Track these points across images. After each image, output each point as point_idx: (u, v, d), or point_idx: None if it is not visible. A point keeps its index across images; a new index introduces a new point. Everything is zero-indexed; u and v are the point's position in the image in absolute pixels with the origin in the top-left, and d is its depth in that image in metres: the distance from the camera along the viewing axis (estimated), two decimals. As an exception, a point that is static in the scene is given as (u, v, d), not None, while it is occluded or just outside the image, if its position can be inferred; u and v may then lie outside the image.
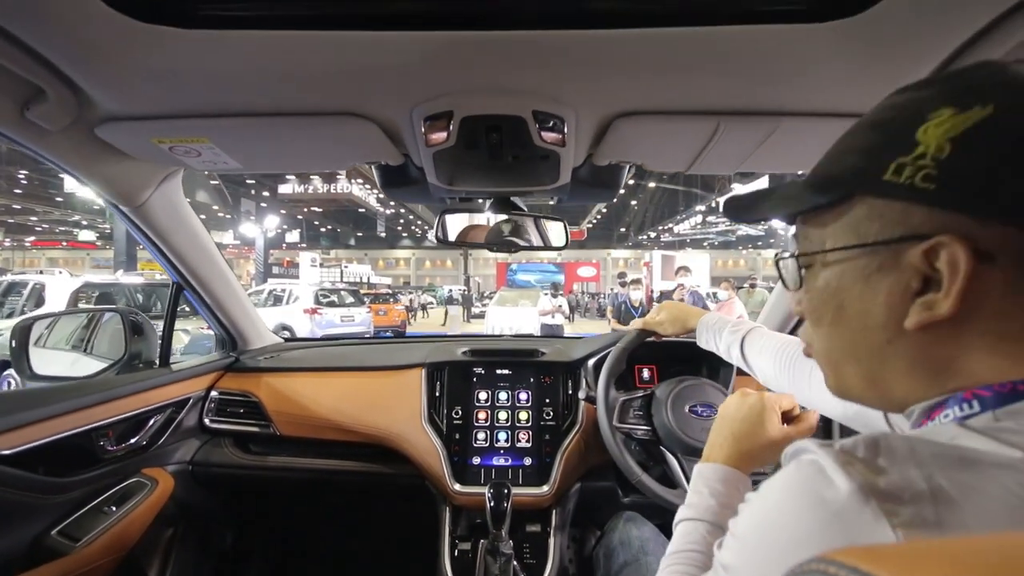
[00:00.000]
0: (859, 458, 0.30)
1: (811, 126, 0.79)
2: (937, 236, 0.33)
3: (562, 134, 0.81)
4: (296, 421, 1.39)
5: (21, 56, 0.64)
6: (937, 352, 0.36)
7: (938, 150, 0.33)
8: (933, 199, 0.33)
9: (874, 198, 0.36)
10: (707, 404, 1.09)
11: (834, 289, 0.40)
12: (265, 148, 0.88)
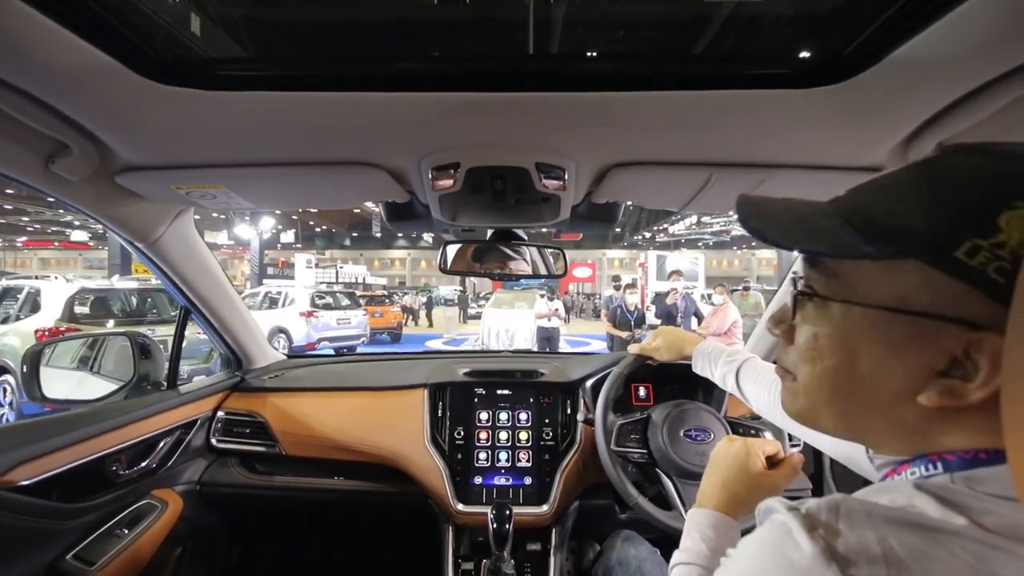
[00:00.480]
0: (822, 522, 0.34)
1: (800, 177, 0.83)
2: (992, 331, 0.33)
3: (563, 181, 0.85)
4: (301, 441, 1.42)
5: (48, 117, 0.68)
6: (933, 425, 0.37)
7: (1019, 246, 0.32)
8: (1001, 294, 0.32)
9: (932, 268, 0.35)
10: (701, 428, 1.14)
11: (850, 338, 0.40)
12: (277, 192, 0.92)
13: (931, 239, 0.34)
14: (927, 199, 0.36)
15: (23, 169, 0.76)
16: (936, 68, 0.58)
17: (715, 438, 1.12)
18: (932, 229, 0.35)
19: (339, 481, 1.41)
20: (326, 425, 1.42)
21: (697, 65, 0.69)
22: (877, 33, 0.59)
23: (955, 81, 0.60)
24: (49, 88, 0.63)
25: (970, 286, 0.33)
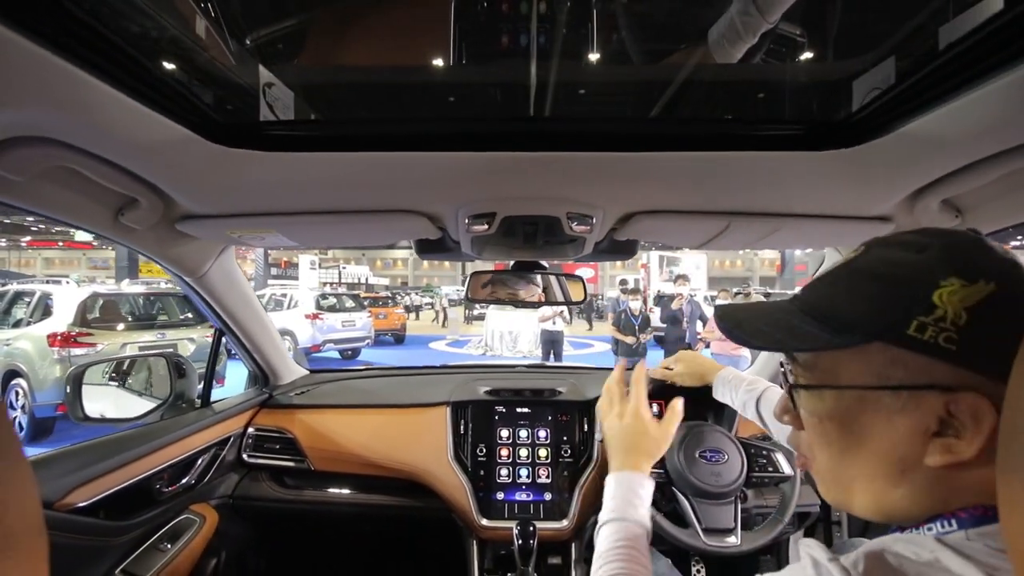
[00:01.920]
0: (859, 572, 0.39)
1: (811, 225, 0.89)
2: (962, 390, 0.39)
3: (589, 226, 0.91)
4: (329, 456, 1.49)
5: (123, 178, 0.74)
6: (943, 486, 0.42)
7: (956, 316, 0.39)
8: (956, 359, 0.39)
9: (895, 347, 0.41)
10: (716, 450, 1.20)
11: (847, 419, 0.45)
12: (322, 234, 0.99)
13: (886, 324, 0.41)
14: (874, 290, 0.43)
15: (95, 221, 0.83)
16: (941, 143, 0.64)
17: (729, 459, 1.18)
18: (885, 316, 0.42)
19: (365, 496, 1.47)
20: (353, 441, 1.48)
21: (715, 127, 0.75)
22: (887, 106, 0.65)
23: (958, 155, 0.66)
24: (128, 156, 0.69)
25: (930, 357, 0.40)
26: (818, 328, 0.45)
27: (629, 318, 6.24)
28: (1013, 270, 0.40)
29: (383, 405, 1.57)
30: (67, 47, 0.49)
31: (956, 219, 0.83)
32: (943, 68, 0.56)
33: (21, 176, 0.64)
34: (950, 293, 0.39)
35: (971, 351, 0.39)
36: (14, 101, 0.52)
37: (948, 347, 0.39)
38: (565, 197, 0.83)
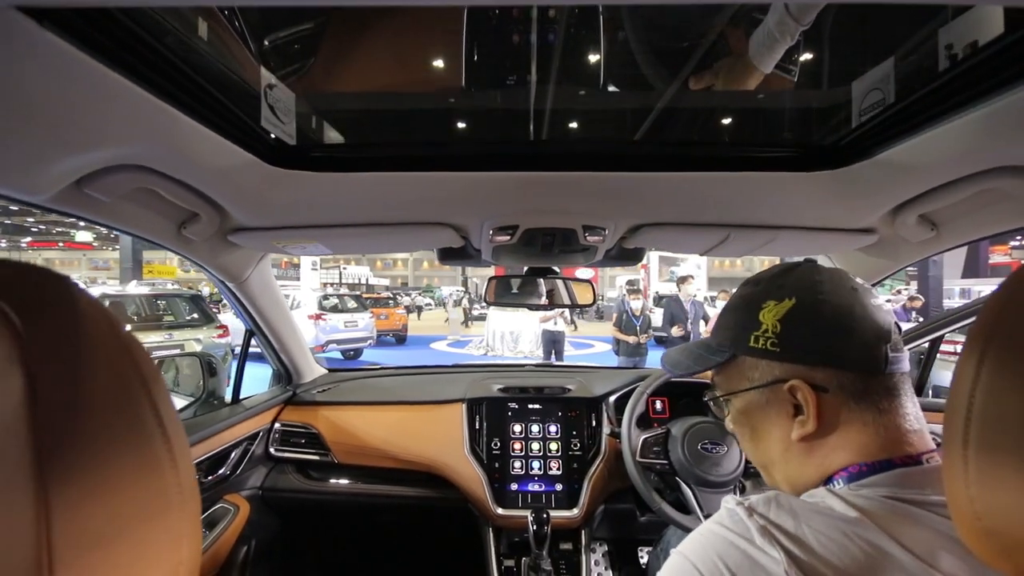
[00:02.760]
0: (758, 510, 0.48)
1: (802, 236, 0.99)
2: (791, 380, 0.53)
3: (602, 236, 1.00)
4: (352, 450, 1.58)
5: (191, 196, 0.83)
6: (815, 453, 0.54)
7: (774, 327, 0.55)
8: (781, 357, 0.55)
9: (748, 356, 0.58)
10: (716, 443, 1.29)
11: (745, 416, 0.60)
12: (358, 244, 1.08)
13: (737, 341, 0.59)
14: (728, 320, 0.61)
15: (160, 234, 0.92)
16: (915, 168, 0.73)
17: (728, 451, 1.28)
18: (735, 334, 0.59)
19: (386, 487, 1.57)
20: (374, 436, 1.57)
21: (716, 150, 0.84)
22: (867, 135, 0.75)
23: (929, 178, 0.75)
24: (200, 178, 0.78)
25: (768, 359, 0.56)
26: (708, 353, 0.63)
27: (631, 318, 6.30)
28: (810, 287, 0.55)
29: (402, 402, 1.66)
30: (165, 89, 0.58)
31: (932, 231, 0.93)
32: (912, 105, 0.66)
33: (109, 197, 0.73)
34: (767, 311, 0.56)
35: (787, 350, 0.54)
36: (122, 137, 0.61)
37: (774, 350, 0.55)
38: (581, 211, 0.92)
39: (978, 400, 0.34)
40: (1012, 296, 0.34)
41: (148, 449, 0.31)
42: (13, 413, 0.25)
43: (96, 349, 0.29)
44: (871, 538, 0.44)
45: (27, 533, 0.24)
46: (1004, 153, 0.64)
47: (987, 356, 0.34)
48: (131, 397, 0.31)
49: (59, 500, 0.25)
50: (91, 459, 0.27)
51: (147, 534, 0.31)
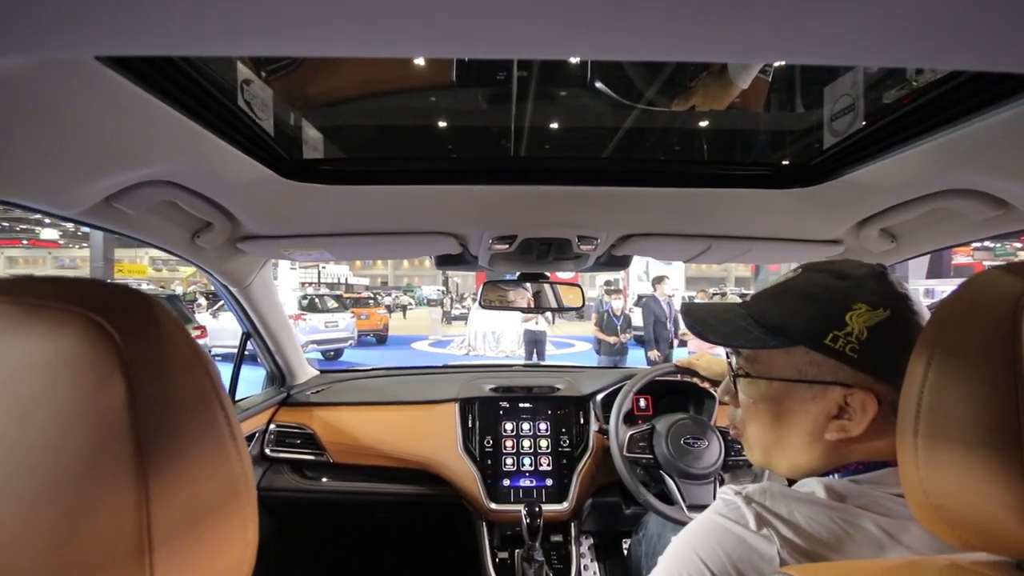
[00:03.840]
0: (755, 499, 0.52)
1: (778, 246, 1.08)
2: (856, 387, 0.53)
3: (594, 245, 1.07)
4: (347, 450, 1.62)
5: (207, 207, 0.87)
6: (837, 452, 0.57)
7: (860, 333, 0.52)
8: (856, 364, 0.53)
9: (814, 351, 0.55)
10: (697, 437, 1.37)
11: (774, 402, 0.59)
12: (361, 251, 1.13)
13: (810, 333, 0.55)
14: (803, 307, 0.57)
15: (174, 242, 0.96)
16: (876, 188, 0.82)
17: (709, 445, 1.36)
18: (810, 327, 0.55)
19: (381, 485, 1.61)
20: (368, 436, 1.61)
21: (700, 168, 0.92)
22: (834, 158, 0.83)
23: (889, 198, 0.84)
24: (219, 191, 0.83)
25: (838, 361, 0.54)
26: (758, 331, 0.59)
27: (611, 318, 6.41)
28: (903, 300, 0.54)
29: (395, 402, 1.70)
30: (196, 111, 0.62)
31: (892, 243, 1.02)
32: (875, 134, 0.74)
33: (136, 211, 0.77)
34: (858, 315, 0.53)
35: (867, 359, 0.53)
36: (157, 156, 0.65)
37: (851, 355, 0.53)
38: (576, 223, 0.99)
39: (926, 396, 0.40)
40: (955, 307, 0.41)
41: (221, 444, 0.36)
42: (117, 414, 0.30)
43: (178, 359, 0.34)
44: (849, 518, 0.50)
45: (131, 516, 0.29)
46: (953, 178, 0.73)
47: (934, 358, 0.40)
48: (206, 401, 0.36)
49: (156, 488, 0.30)
50: (179, 452, 0.32)
51: (224, 517, 0.36)
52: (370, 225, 1.00)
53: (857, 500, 0.52)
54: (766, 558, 0.50)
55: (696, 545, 0.54)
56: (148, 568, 0.29)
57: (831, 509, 0.51)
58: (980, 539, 0.39)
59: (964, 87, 0.60)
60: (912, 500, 0.43)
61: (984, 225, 0.82)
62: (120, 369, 0.30)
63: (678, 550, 0.56)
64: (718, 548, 0.52)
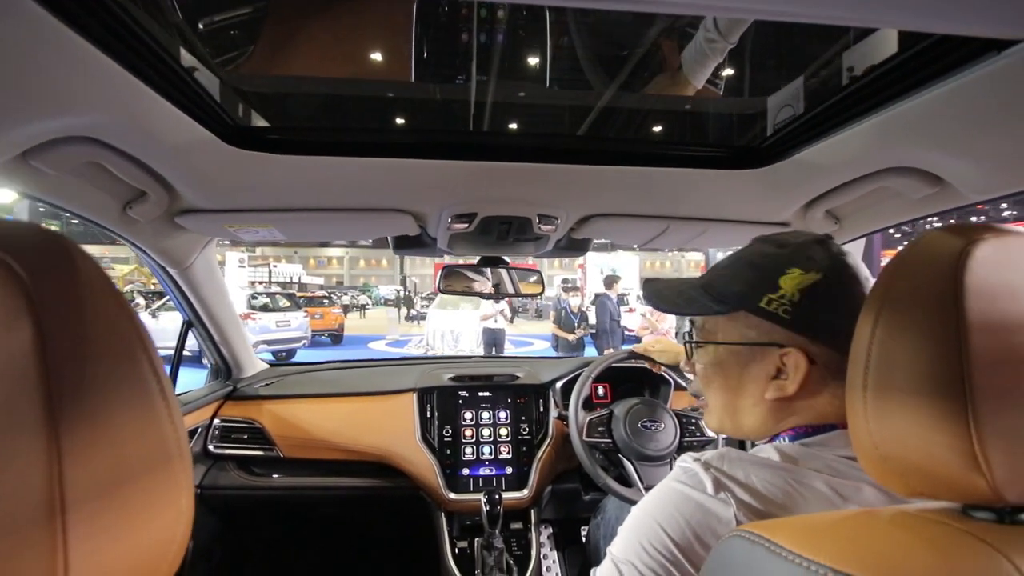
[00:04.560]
0: (712, 465, 0.54)
1: (730, 228, 1.11)
2: (790, 347, 0.56)
3: (555, 225, 1.07)
4: (299, 444, 1.55)
5: (142, 174, 0.81)
6: (779, 413, 0.60)
7: (792, 295, 0.56)
8: (789, 325, 0.56)
9: (752, 315, 0.58)
10: (654, 420, 1.40)
11: (722, 366, 0.62)
12: (313, 230, 1.07)
13: (747, 298, 0.59)
14: (744, 274, 0.60)
15: (103, 213, 0.88)
16: (822, 167, 0.85)
17: (665, 427, 1.39)
18: (747, 291, 0.59)
19: (335, 479, 1.55)
20: (322, 428, 1.55)
21: (658, 147, 0.93)
22: (784, 139, 0.86)
23: (837, 176, 0.88)
24: (154, 154, 0.76)
25: (773, 323, 0.57)
26: (706, 299, 0.63)
27: (569, 315, 6.52)
28: (838, 265, 0.57)
29: (351, 393, 1.65)
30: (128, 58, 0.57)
31: (836, 225, 1.07)
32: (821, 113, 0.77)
33: (56, 171, 0.70)
34: (791, 279, 0.56)
35: (799, 320, 0.56)
36: (80, 105, 0.59)
37: (784, 316, 0.56)
38: (536, 200, 0.98)
39: (875, 351, 0.42)
40: (900, 266, 0.43)
41: (149, 403, 0.33)
42: (24, 360, 0.26)
43: (98, 306, 0.31)
44: (802, 479, 0.52)
45: (40, 474, 0.26)
46: (894, 155, 0.77)
47: (880, 317, 0.42)
48: (131, 354, 0.32)
49: (70, 445, 0.27)
50: (98, 408, 0.29)
51: (152, 483, 0.32)
52: (323, 200, 0.96)
53: (808, 462, 0.54)
54: (723, 521, 0.51)
55: (655, 512, 0.55)
56: (60, 531, 0.26)
57: (784, 471, 0.53)
58: (928, 486, 0.40)
59: (906, 65, 0.63)
60: (862, 453, 0.44)
61: (921, 204, 0.87)
62: (28, 311, 0.26)
63: (638, 518, 0.57)
64: (676, 514, 0.53)
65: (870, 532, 0.39)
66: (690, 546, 0.52)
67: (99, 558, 0.29)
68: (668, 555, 0.52)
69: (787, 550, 0.38)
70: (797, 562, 0.37)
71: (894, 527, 0.40)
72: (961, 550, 0.36)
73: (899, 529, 0.40)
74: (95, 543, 0.28)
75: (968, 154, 0.68)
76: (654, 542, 0.53)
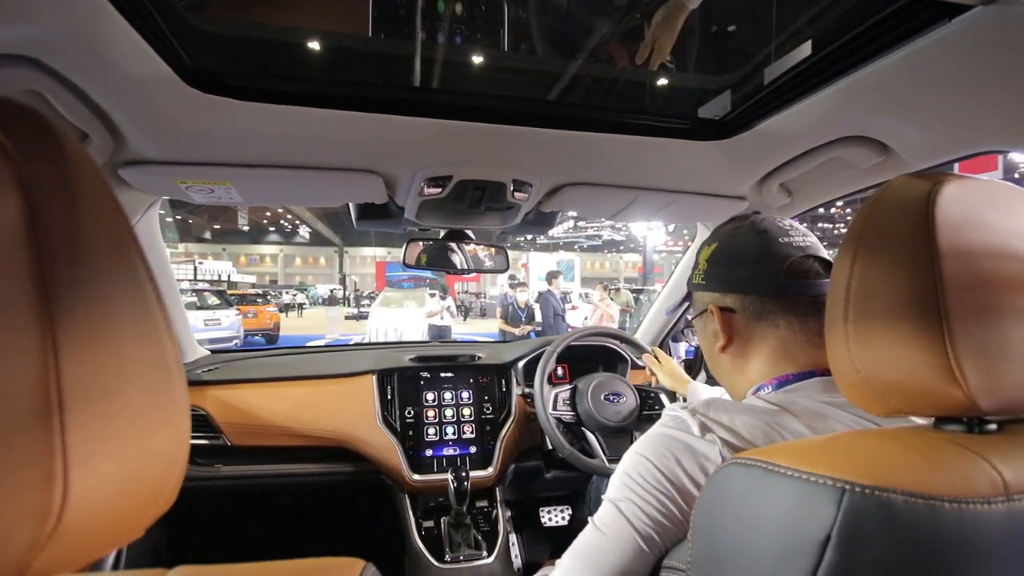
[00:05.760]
0: (699, 411, 0.59)
1: (694, 200, 1.16)
2: (709, 305, 0.70)
3: (528, 193, 1.07)
4: (248, 431, 1.45)
5: (85, 111, 0.73)
6: (739, 365, 0.69)
7: (703, 265, 0.72)
8: (705, 288, 0.71)
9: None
10: (616, 392, 1.44)
11: (701, 337, 0.75)
12: (276, 190, 1.01)
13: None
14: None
15: None
16: (782, 137, 0.91)
17: (626, 399, 1.43)
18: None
19: (290, 466, 1.47)
20: (275, 414, 1.47)
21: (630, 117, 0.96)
22: (747, 110, 0.91)
23: (793, 147, 0.94)
24: (103, 86, 0.69)
25: (700, 291, 0.73)
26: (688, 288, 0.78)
27: (516, 311, 6.57)
28: (730, 231, 0.71)
29: (307, 377, 1.57)
30: None
31: (788, 198, 1.15)
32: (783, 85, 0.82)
33: None
34: (702, 253, 0.73)
35: (710, 281, 0.71)
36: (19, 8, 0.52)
37: (702, 283, 0.72)
38: (513, 164, 0.98)
39: (854, 285, 0.45)
40: (873, 209, 0.46)
41: (146, 308, 0.30)
42: (12, 235, 0.23)
43: (88, 194, 0.28)
44: (782, 421, 0.57)
45: (34, 364, 0.23)
46: (845, 124, 0.83)
47: (858, 253, 0.45)
48: (126, 252, 0.30)
49: (66, 338, 0.24)
50: (95, 302, 0.26)
51: (154, 396, 0.29)
52: (288, 156, 0.90)
53: (789, 407, 0.58)
54: (711, 459, 0.54)
55: (645, 451, 0.58)
56: (58, 432, 0.23)
57: (766, 415, 0.57)
58: (906, 402, 0.43)
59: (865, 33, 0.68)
60: (843, 380, 0.47)
61: (867, 174, 0.94)
62: (16, 184, 0.24)
63: (630, 460, 0.60)
64: (667, 452, 0.56)
65: (859, 446, 0.42)
66: (680, 482, 0.55)
67: (101, 468, 0.26)
68: (662, 489, 0.55)
69: (784, 467, 0.40)
70: (794, 476, 0.39)
71: (880, 440, 0.43)
72: (943, 454, 0.39)
73: (885, 441, 0.43)
74: (95, 450, 0.25)
75: (915, 119, 0.75)
76: (647, 477, 0.56)
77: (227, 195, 0.97)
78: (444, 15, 0.83)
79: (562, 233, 28.48)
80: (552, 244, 32.29)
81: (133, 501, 0.29)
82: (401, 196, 1.10)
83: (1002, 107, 0.67)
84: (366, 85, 0.83)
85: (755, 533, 0.41)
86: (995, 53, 0.59)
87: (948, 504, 0.35)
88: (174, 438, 0.31)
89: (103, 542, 0.28)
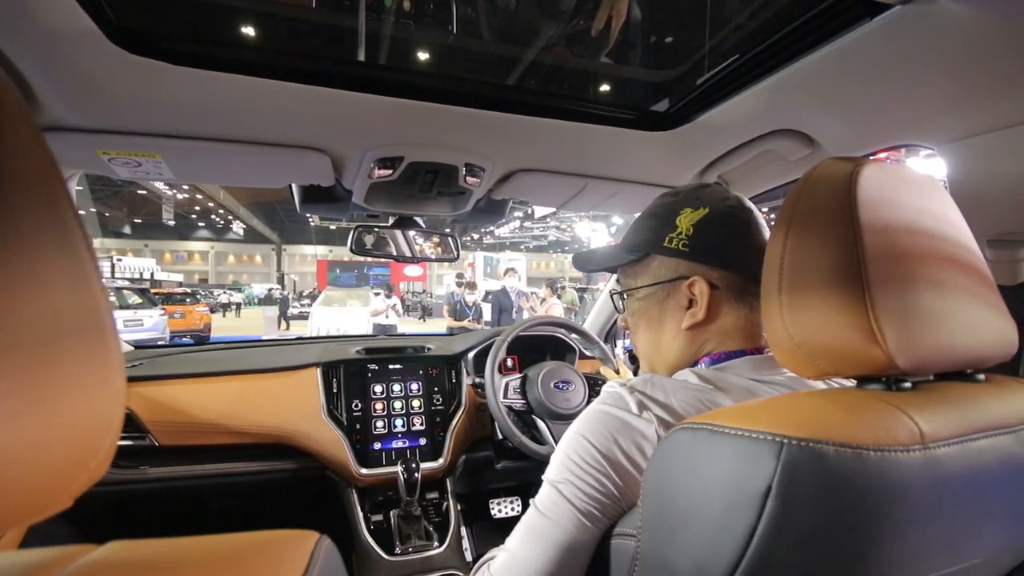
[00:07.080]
0: (637, 388, 0.59)
1: (639, 190, 1.20)
2: (693, 276, 0.64)
3: (480, 178, 1.07)
4: (179, 429, 1.36)
5: None
6: (695, 340, 0.66)
7: (687, 231, 0.64)
8: (688, 256, 0.64)
9: (661, 256, 0.67)
10: (566, 380, 1.46)
11: (645, 310, 0.70)
12: (211, 166, 0.95)
13: (653, 241, 0.67)
14: (648, 223, 0.70)
15: None
16: (721, 129, 0.96)
17: (575, 387, 1.46)
18: (652, 237, 0.68)
19: (227, 465, 1.39)
20: (209, 410, 1.38)
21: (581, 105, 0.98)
22: (689, 103, 0.95)
23: (731, 139, 0.99)
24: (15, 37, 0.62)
25: (676, 257, 0.65)
26: (623, 252, 0.71)
27: (464, 308, 6.54)
28: (719, 199, 0.66)
29: (243, 371, 1.48)
30: None
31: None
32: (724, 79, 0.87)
33: None
34: (685, 217, 0.66)
35: (697, 250, 0.64)
36: None
37: (684, 250, 0.65)
38: (466, 147, 0.97)
39: (787, 260, 0.48)
40: (804, 188, 0.50)
41: (76, 253, 0.27)
42: None
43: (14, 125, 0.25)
44: (714, 398, 0.59)
45: None
46: (778, 117, 0.89)
47: (791, 228, 0.49)
48: (53, 190, 0.27)
49: None
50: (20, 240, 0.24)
51: (86, 350, 0.27)
52: (226, 129, 0.85)
53: (720, 383, 0.61)
54: (647, 437, 0.56)
55: (583, 430, 0.59)
56: None
57: (699, 391, 0.59)
58: (834, 363, 0.47)
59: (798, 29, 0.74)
60: (777, 346, 0.51)
61: (796, 166, 1.02)
62: None
63: (568, 439, 0.60)
64: (604, 430, 0.57)
65: (795, 405, 0.46)
66: (616, 459, 0.56)
67: (25, 425, 0.23)
68: (599, 467, 0.56)
69: (728, 427, 0.43)
70: (738, 434, 0.42)
71: (813, 399, 0.47)
72: (867, 409, 0.43)
73: (817, 399, 0.46)
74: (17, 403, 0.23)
75: (839, 113, 0.81)
76: (584, 456, 0.56)
77: (156, 169, 0.90)
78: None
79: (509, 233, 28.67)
80: (499, 244, 32.41)
81: (62, 464, 0.26)
82: (349, 178, 1.06)
83: (916, 102, 0.74)
84: (314, 57, 0.80)
85: (703, 491, 0.43)
86: (911, 49, 0.65)
87: (873, 452, 0.39)
88: (109, 396, 0.28)
89: (26, 509, 0.25)
